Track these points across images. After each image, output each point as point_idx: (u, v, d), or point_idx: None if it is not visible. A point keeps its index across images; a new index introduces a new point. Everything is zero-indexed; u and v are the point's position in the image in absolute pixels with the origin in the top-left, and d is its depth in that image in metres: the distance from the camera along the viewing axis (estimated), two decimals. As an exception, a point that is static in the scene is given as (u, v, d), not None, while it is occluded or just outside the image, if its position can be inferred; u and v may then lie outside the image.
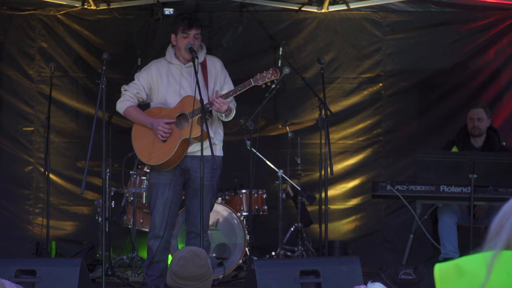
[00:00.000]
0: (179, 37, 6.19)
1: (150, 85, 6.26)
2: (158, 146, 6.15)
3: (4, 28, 8.41)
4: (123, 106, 6.26)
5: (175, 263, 3.73)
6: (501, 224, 2.05)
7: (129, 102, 6.25)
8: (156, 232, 6.21)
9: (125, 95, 6.28)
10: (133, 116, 6.26)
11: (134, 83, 6.29)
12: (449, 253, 7.37)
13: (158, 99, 6.26)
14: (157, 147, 6.15)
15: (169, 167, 6.17)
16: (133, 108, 6.25)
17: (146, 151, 6.20)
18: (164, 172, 6.21)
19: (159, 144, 6.15)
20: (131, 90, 6.25)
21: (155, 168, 6.27)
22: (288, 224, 7.93)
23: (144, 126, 6.22)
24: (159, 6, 7.97)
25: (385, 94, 8.65)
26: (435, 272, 2.11)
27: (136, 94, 6.25)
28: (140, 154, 6.26)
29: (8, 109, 8.48)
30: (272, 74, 6.17)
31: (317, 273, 5.53)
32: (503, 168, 7.10)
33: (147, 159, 6.22)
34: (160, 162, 6.15)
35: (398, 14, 8.60)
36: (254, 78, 6.15)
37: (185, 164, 6.19)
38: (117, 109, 6.31)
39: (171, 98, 6.21)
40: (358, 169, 8.65)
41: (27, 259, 6.59)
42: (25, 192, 8.44)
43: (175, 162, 6.15)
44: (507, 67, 8.54)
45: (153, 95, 6.29)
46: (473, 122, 7.66)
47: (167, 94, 6.22)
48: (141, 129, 6.24)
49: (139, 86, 6.26)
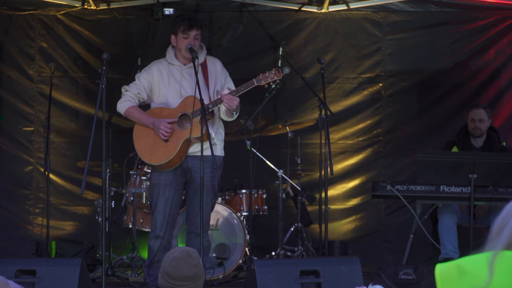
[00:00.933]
0: (180, 37, 6.18)
1: (151, 86, 6.25)
2: (160, 146, 6.15)
3: (4, 28, 8.41)
4: (124, 106, 6.25)
5: (167, 264, 3.72)
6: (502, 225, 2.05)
7: (130, 102, 6.24)
8: (157, 232, 6.21)
9: (125, 95, 6.26)
10: (135, 116, 6.26)
11: (135, 83, 6.28)
12: (449, 253, 7.37)
13: (159, 100, 6.26)
14: (159, 147, 6.15)
15: (171, 167, 6.17)
16: (134, 109, 6.24)
17: (148, 151, 6.20)
18: (165, 172, 6.21)
19: (161, 144, 6.14)
20: (132, 91, 6.24)
21: (156, 168, 6.27)
22: (288, 224, 7.92)
23: (145, 126, 6.21)
24: (159, 6, 7.96)
25: (385, 94, 8.65)
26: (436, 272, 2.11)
27: (137, 95, 6.24)
28: (141, 154, 6.25)
29: (8, 109, 8.47)
30: (274, 74, 6.16)
31: (317, 273, 5.53)
32: (503, 168, 7.10)
33: (149, 159, 6.22)
34: (162, 162, 6.14)
35: (398, 14, 8.59)
36: (256, 78, 6.14)
37: (186, 164, 6.19)
38: (118, 110, 6.30)
39: (172, 99, 6.21)
40: (358, 169, 8.65)
41: (27, 259, 6.59)
42: (25, 192, 8.44)
43: (177, 162, 6.15)
44: (507, 67, 8.54)
45: (153, 96, 6.28)
46: (474, 123, 7.65)
47: (168, 95, 6.22)
48: (143, 129, 6.24)
49: (140, 87, 6.25)
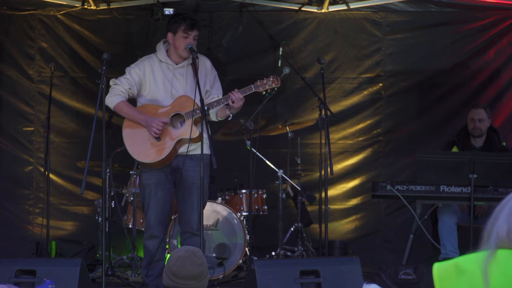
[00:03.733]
0: (179, 36, 6.13)
1: (142, 81, 6.16)
2: (151, 144, 6.10)
3: (4, 28, 8.41)
4: (114, 100, 6.12)
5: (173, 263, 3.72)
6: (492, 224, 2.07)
7: (120, 97, 6.12)
8: (152, 231, 6.18)
9: (115, 89, 6.14)
10: (125, 112, 6.15)
11: (125, 77, 6.17)
12: (449, 253, 7.37)
13: (148, 96, 6.17)
14: (150, 145, 6.10)
15: (162, 165, 6.13)
16: (124, 103, 6.14)
17: (139, 149, 6.13)
18: (155, 172, 6.15)
19: (152, 142, 6.09)
20: (124, 85, 6.14)
21: (146, 168, 6.22)
22: (288, 224, 7.92)
23: (136, 122, 6.13)
24: (159, 6, 7.96)
25: (385, 94, 8.65)
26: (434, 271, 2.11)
27: (127, 90, 6.14)
28: (132, 152, 6.17)
29: (8, 109, 8.47)
30: (273, 82, 6.16)
31: (317, 273, 5.53)
32: (503, 168, 7.10)
33: (140, 157, 6.15)
34: (154, 160, 6.09)
35: (398, 14, 8.59)
36: (255, 84, 6.12)
37: (176, 164, 6.15)
38: (107, 103, 6.09)
39: (162, 97, 6.14)
40: (358, 169, 8.64)
41: (27, 259, 6.59)
42: (25, 192, 8.44)
43: (168, 160, 6.12)
44: (507, 67, 8.54)
45: (143, 91, 6.19)
46: (474, 123, 7.65)
47: (159, 93, 6.14)
48: (133, 126, 6.14)
49: (131, 82, 6.15)
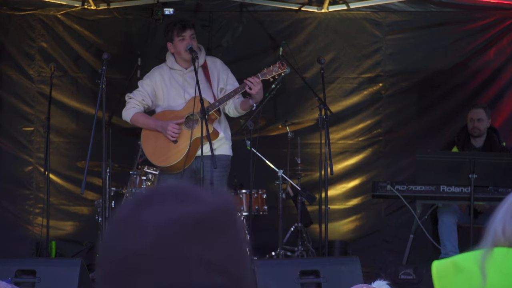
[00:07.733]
0: (176, 42, 6.13)
1: (155, 91, 6.20)
2: (169, 147, 6.10)
3: (4, 28, 8.41)
4: (130, 113, 6.19)
5: None
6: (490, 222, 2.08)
7: (134, 109, 6.18)
8: None
9: (130, 102, 6.21)
10: (141, 122, 6.21)
11: (138, 90, 6.23)
12: (449, 253, 7.36)
13: (164, 104, 6.22)
14: (169, 149, 6.10)
15: (181, 168, 6.09)
16: (139, 114, 6.19)
17: (158, 154, 6.14)
18: (174, 176, 6.15)
19: (170, 146, 6.09)
20: (137, 98, 6.19)
21: (165, 171, 6.23)
22: (288, 224, 7.91)
23: (153, 130, 6.16)
24: (159, 6, 7.97)
25: (385, 94, 8.65)
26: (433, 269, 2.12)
27: (141, 101, 6.19)
28: (151, 157, 6.19)
29: (8, 109, 8.47)
30: (279, 67, 6.11)
31: (317, 273, 5.53)
32: (503, 168, 7.09)
33: (159, 161, 6.16)
34: (173, 163, 6.08)
35: (398, 14, 8.59)
36: (261, 73, 6.08)
37: (196, 165, 6.13)
38: (124, 118, 6.22)
39: (177, 103, 6.17)
40: (358, 169, 8.64)
41: (27, 259, 6.60)
42: (25, 192, 8.44)
43: (187, 162, 6.09)
44: (507, 67, 8.54)
45: (158, 101, 6.24)
46: (473, 123, 7.65)
47: (173, 99, 6.18)
48: (150, 133, 6.19)
49: (143, 93, 6.20)
